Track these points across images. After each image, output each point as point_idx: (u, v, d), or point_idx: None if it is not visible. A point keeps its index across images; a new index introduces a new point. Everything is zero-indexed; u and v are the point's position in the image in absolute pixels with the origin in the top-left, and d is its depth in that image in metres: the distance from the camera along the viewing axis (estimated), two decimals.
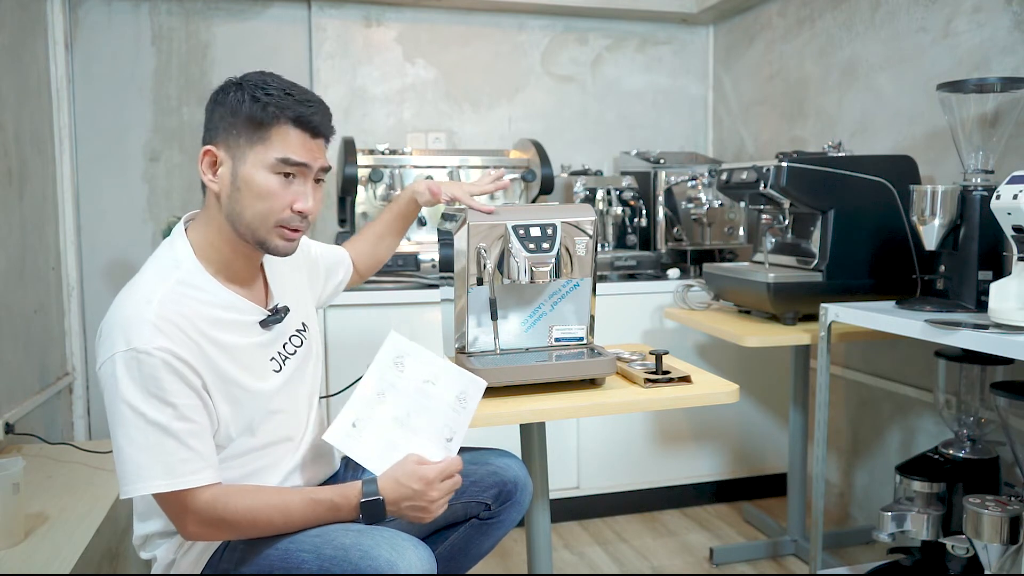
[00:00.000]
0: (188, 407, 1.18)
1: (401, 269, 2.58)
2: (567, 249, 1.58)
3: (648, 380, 1.58)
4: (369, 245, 1.76)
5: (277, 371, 1.34)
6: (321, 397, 1.54)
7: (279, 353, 1.36)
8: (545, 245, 1.53)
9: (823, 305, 1.99)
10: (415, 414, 1.35)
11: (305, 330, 1.44)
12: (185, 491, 1.18)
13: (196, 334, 1.21)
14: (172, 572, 1.31)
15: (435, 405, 1.36)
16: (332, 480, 1.50)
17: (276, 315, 1.34)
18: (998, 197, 1.61)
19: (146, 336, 1.15)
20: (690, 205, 2.90)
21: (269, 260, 1.40)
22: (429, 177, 2.72)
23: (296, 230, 1.28)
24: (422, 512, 1.26)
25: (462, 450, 1.59)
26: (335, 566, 1.19)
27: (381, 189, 2.69)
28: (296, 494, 1.27)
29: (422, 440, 1.32)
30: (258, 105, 1.23)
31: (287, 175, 1.25)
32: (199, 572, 1.30)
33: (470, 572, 1.58)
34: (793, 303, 2.17)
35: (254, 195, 1.24)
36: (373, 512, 1.24)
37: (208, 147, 1.26)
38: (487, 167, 2.83)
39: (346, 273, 1.70)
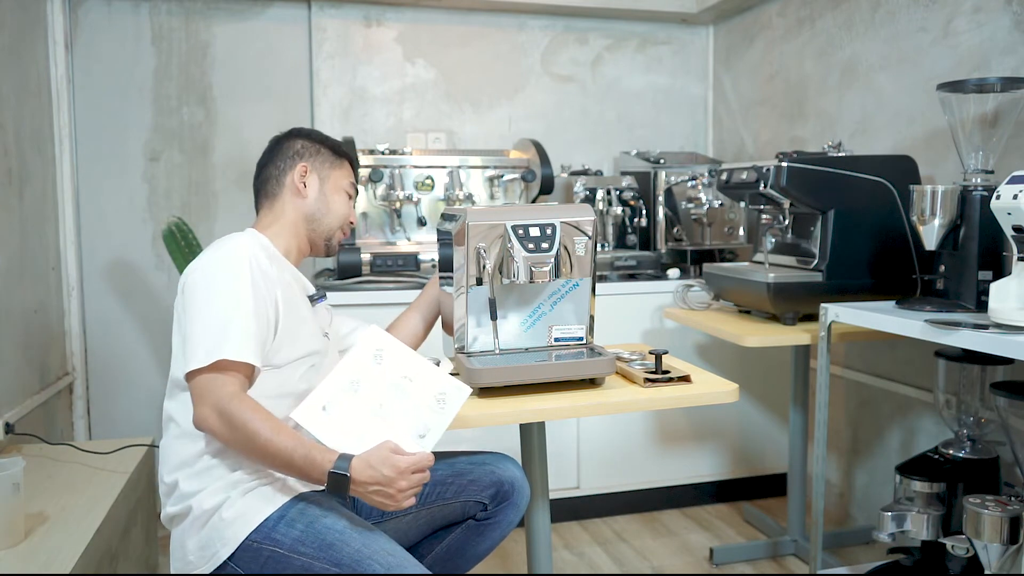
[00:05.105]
0: (261, 299, 1.35)
1: (401, 269, 2.57)
2: (566, 249, 1.58)
3: (648, 380, 1.58)
4: None
5: (325, 337, 1.52)
6: None
7: (320, 328, 1.52)
8: (544, 245, 1.53)
9: (823, 305, 1.99)
10: (388, 405, 1.34)
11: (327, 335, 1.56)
12: (220, 372, 1.27)
13: (276, 281, 1.41)
14: (215, 524, 1.32)
15: (410, 400, 1.36)
16: None
17: (320, 291, 1.55)
18: (998, 197, 1.61)
19: (248, 246, 1.40)
20: (690, 205, 2.90)
21: None
22: (429, 179, 2.72)
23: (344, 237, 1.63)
24: (388, 500, 1.26)
25: (460, 453, 1.60)
26: None
27: (381, 189, 2.69)
28: (289, 429, 1.29)
29: (395, 432, 1.32)
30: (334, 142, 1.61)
31: (349, 196, 1.61)
32: (247, 535, 1.30)
33: (469, 573, 1.58)
34: (793, 303, 2.17)
35: (339, 203, 1.57)
36: (337, 485, 1.24)
37: (303, 164, 1.54)
38: (487, 167, 2.83)
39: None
